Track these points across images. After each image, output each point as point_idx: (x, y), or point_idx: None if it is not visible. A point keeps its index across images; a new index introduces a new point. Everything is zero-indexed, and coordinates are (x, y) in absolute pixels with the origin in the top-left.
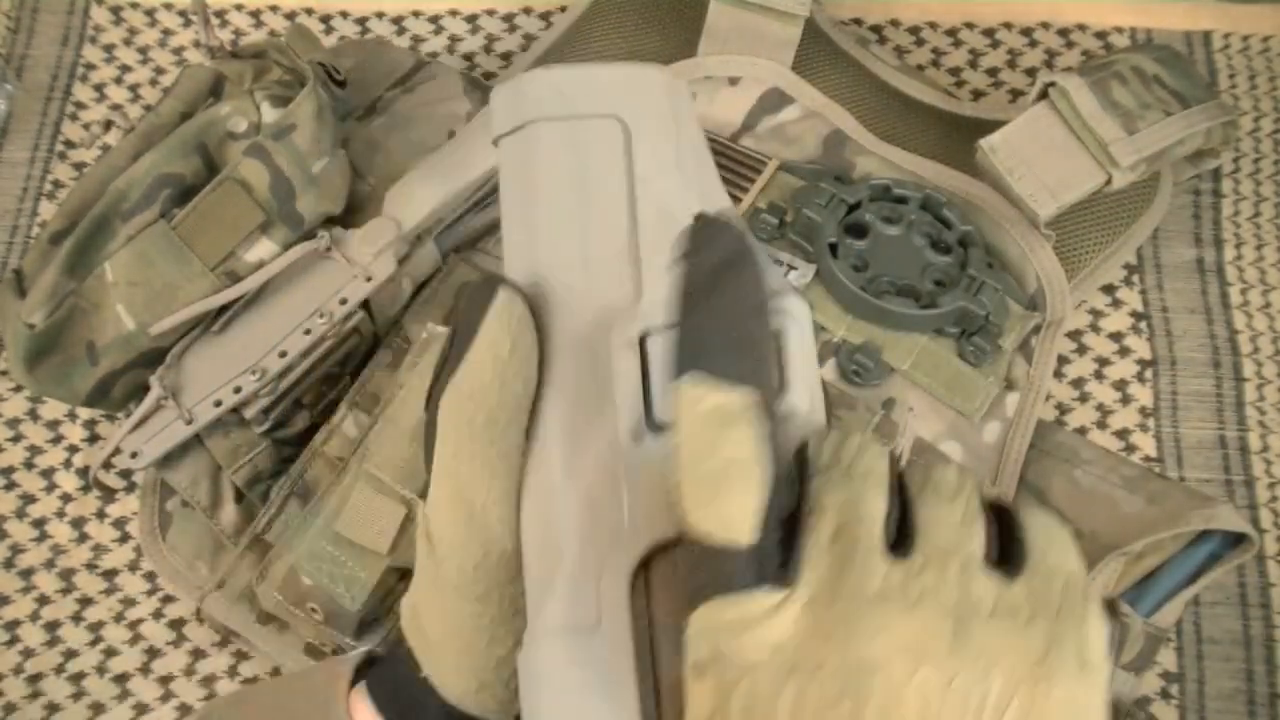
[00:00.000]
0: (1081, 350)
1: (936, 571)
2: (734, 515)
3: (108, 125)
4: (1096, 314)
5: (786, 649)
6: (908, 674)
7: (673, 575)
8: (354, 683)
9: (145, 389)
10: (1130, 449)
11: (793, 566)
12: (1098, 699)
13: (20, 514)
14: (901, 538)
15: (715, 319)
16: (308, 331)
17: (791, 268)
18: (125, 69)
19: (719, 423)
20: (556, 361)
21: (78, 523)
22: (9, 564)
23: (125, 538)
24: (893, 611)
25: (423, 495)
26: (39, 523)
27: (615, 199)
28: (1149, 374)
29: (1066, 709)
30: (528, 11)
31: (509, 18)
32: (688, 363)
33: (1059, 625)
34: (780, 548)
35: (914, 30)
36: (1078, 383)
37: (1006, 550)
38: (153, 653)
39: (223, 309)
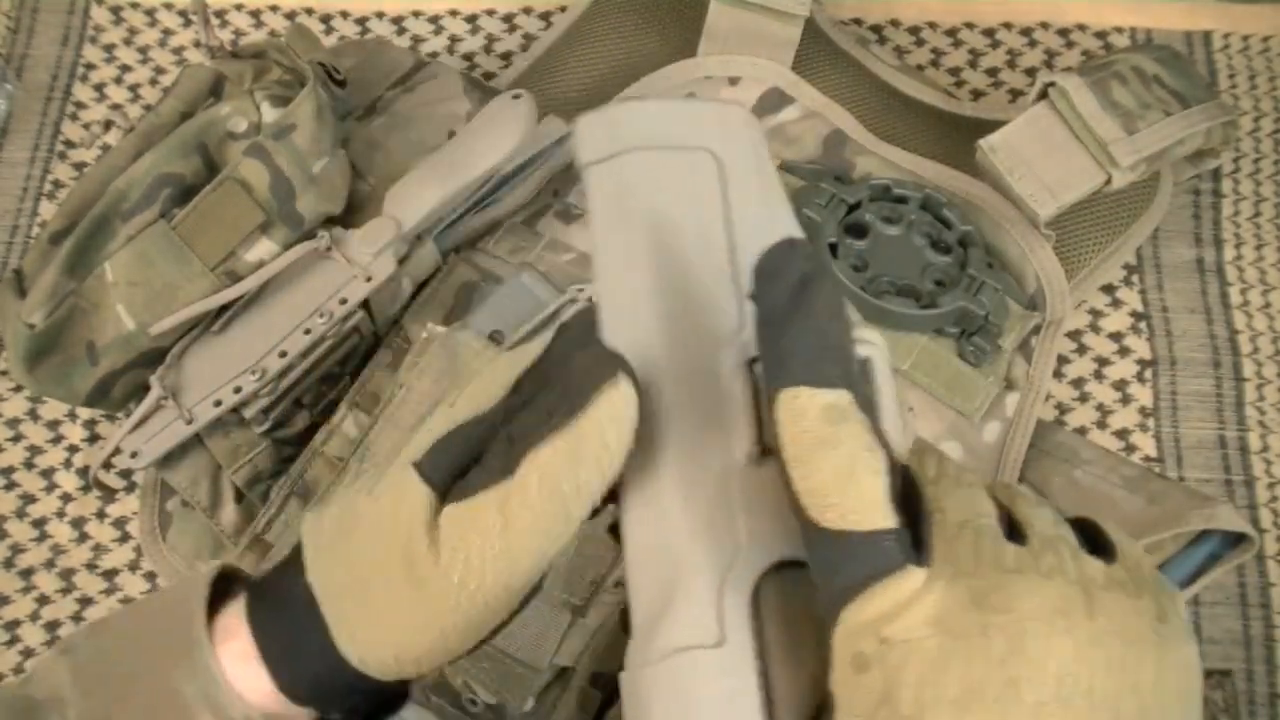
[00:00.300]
0: (1081, 350)
1: (1054, 553)
2: (868, 503)
3: (108, 125)
4: (1096, 314)
5: (947, 620)
6: (1064, 630)
7: (784, 594)
8: (214, 597)
9: (145, 389)
10: (1130, 449)
11: (925, 549)
12: (1200, 664)
13: (20, 514)
14: (1010, 534)
15: (803, 331)
16: (308, 331)
17: None
18: (125, 69)
19: (829, 421)
20: (666, 387)
21: (78, 523)
22: (9, 564)
23: (125, 538)
24: (1033, 580)
25: (437, 491)
26: (39, 523)
27: (713, 229)
28: (1149, 374)
29: (1183, 669)
30: (528, 11)
31: (509, 18)
32: (784, 376)
33: (1160, 599)
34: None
35: (914, 30)
36: (1078, 383)
37: (1093, 548)
38: None
39: (223, 309)
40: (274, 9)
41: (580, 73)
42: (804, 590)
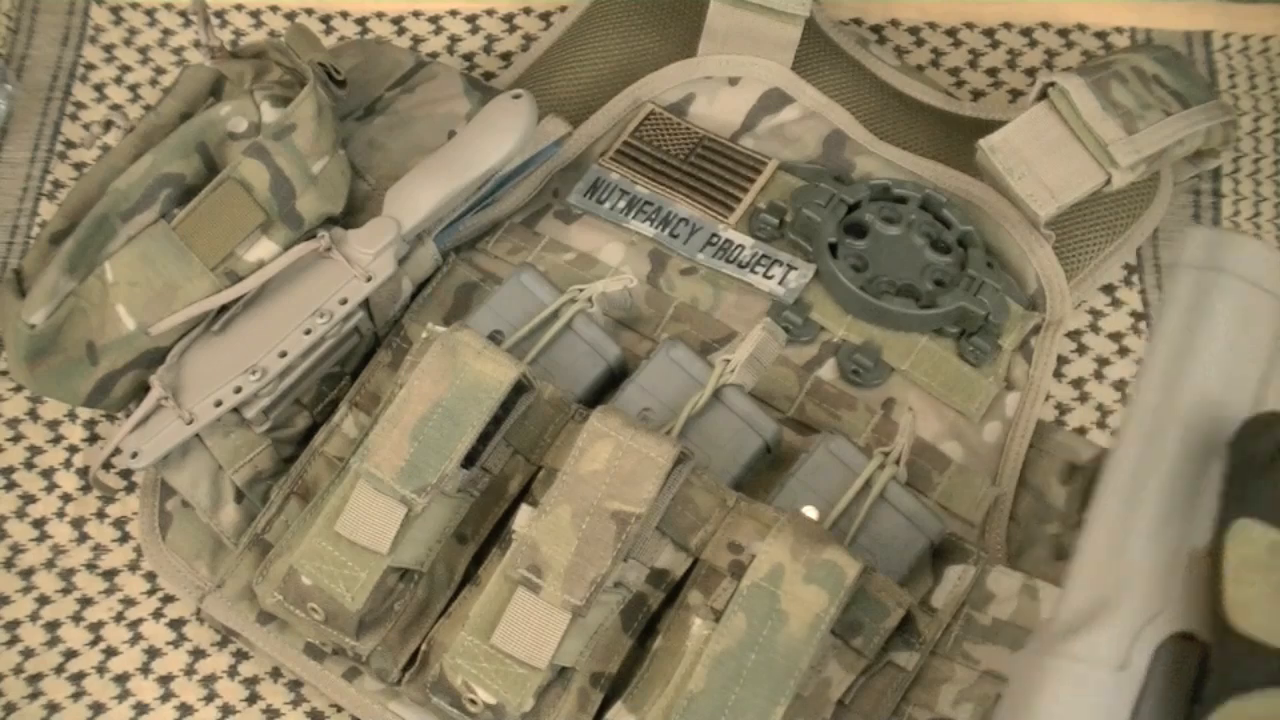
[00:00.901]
0: (1081, 350)
1: None
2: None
3: (108, 125)
4: (1096, 314)
5: None
6: None
7: (1170, 655)
8: None
9: (145, 389)
10: None
11: None
12: None
13: (20, 514)
14: None
15: (1273, 483)
16: (308, 331)
17: (791, 268)
18: (125, 69)
19: (1273, 554)
20: (1174, 446)
21: (78, 523)
22: (9, 564)
23: (125, 538)
24: None
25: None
26: (39, 523)
27: (1254, 368)
28: None
29: None
30: (528, 11)
31: (509, 18)
32: (1247, 508)
33: None
34: None
35: (914, 30)
36: (1078, 383)
37: None
38: (153, 653)
39: (223, 309)
40: (274, 9)
41: (581, 72)
42: (1185, 665)
